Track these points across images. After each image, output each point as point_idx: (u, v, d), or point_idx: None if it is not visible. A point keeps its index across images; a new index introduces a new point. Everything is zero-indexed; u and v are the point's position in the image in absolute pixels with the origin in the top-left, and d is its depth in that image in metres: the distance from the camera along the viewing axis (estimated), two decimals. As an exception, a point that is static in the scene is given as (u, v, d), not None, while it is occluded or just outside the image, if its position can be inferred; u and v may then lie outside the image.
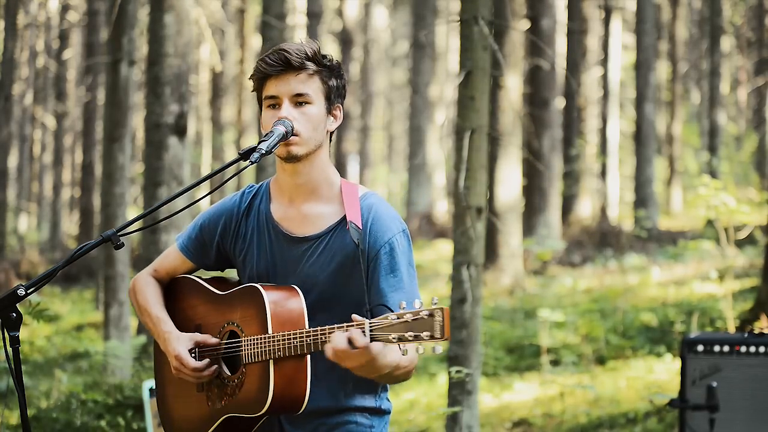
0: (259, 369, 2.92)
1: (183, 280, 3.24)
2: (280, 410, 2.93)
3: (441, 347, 2.65)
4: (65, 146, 30.74)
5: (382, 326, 2.69)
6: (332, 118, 3.07)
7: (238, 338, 3.00)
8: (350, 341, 2.73)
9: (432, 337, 2.62)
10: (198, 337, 3.08)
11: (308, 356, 2.91)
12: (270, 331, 2.90)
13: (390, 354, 2.82)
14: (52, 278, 2.87)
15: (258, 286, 2.96)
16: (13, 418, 7.58)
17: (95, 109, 22.50)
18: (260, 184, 3.19)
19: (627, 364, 9.28)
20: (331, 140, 3.12)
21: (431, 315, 2.63)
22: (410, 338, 2.64)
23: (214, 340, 3.05)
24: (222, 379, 3.04)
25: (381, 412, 3.10)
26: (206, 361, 3.04)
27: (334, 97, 3.05)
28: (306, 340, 2.84)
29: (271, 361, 2.89)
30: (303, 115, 2.98)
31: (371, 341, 2.71)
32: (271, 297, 2.94)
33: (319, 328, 2.83)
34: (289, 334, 2.87)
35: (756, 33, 28.64)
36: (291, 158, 3.00)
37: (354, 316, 2.78)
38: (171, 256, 3.26)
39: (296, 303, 2.95)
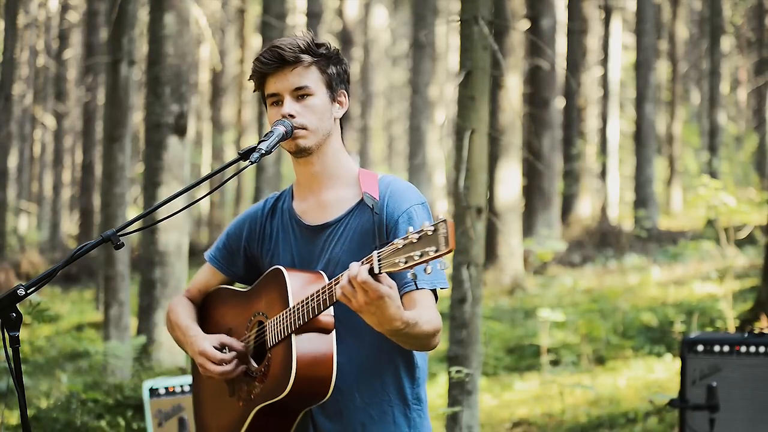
0: (283, 348, 2.87)
1: (214, 292, 3.24)
2: (305, 393, 2.84)
3: (448, 264, 2.56)
4: (65, 146, 30.75)
5: (390, 252, 2.60)
6: (338, 105, 3.05)
7: (263, 325, 2.98)
8: (358, 273, 2.63)
9: (437, 251, 2.51)
10: (225, 338, 3.06)
11: (333, 335, 2.85)
12: (291, 304, 2.86)
13: (410, 311, 2.74)
14: (52, 278, 2.86)
15: (280, 266, 2.95)
16: (13, 418, 7.58)
17: (95, 109, 22.52)
18: (284, 189, 3.20)
19: (627, 364, 9.28)
20: (342, 128, 3.10)
21: (435, 229, 2.53)
22: (417, 258, 2.53)
23: (240, 345, 3.03)
24: (251, 374, 3.00)
25: (418, 402, 3.02)
26: (232, 353, 3.01)
27: (336, 84, 3.03)
28: (323, 296, 2.78)
29: (293, 336, 2.83)
30: (306, 108, 2.97)
31: (380, 272, 2.61)
32: (292, 274, 2.92)
33: (333, 279, 2.77)
34: (306, 298, 2.81)
35: (756, 33, 28.65)
36: (301, 151, 2.99)
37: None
38: (202, 273, 3.27)
39: (319, 280, 2.91)
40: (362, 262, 2.66)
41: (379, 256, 2.63)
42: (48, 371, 10.29)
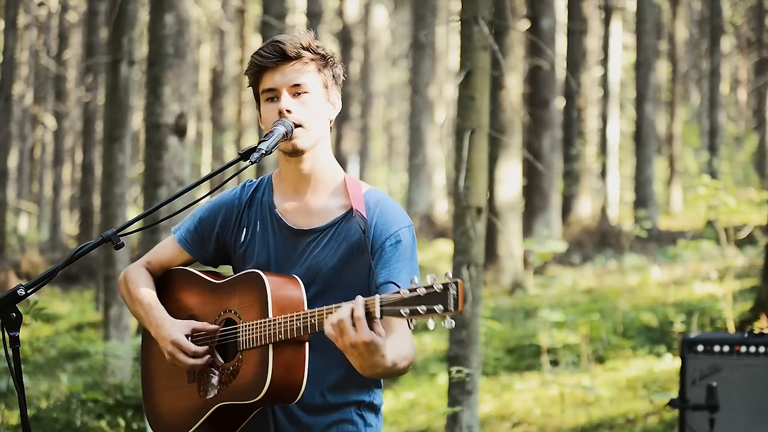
0: (257, 354, 2.88)
1: (176, 272, 3.20)
2: (275, 398, 2.89)
3: (453, 322, 2.56)
4: (65, 146, 30.74)
5: (394, 301, 2.61)
6: (331, 106, 3.06)
7: (235, 325, 2.97)
8: (352, 313, 2.64)
9: (446, 311, 2.52)
10: (195, 323, 3.03)
11: (306, 344, 2.87)
12: (270, 315, 2.86)
13: (389, 351, 2.74)
14: (52, 278, 2.86)
15: (259, 271, 2.94)
16: (13, 418, 7.58)
17: (95, 109, 22.51)
18: (261, 177, 3.17)
19: (627, 364, 9.28)
20: (330, 130, 3.10)
21: (445, 288, 2.54)
22: (422, 312, 2.55)
23: (212, 327, 3.01)
24: (216, 368, 3.00)
25: (374, 408, 3.07)
26: (205, 347, 3.00)
27: (331, 85, 3.04)
28: (310, 320, 2.79)
29: (271, 346, 2.84)
30: (302, 105, 2.98)
31: (381, 317, 2.63)
32: (272, 281, 2.91)
33: (325, 307, 2.77)
34: (291, 316, 2.82)
35: (756, 33, 28.64)
36: (296, 152, 2.99)
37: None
38: (167, 249, 3.21)
39: (296, 290, 2.92)
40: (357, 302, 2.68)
41: (381, 302, 2.64)
42: (48, 371, 10.29)
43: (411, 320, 2.61)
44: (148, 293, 3.14)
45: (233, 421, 2.99)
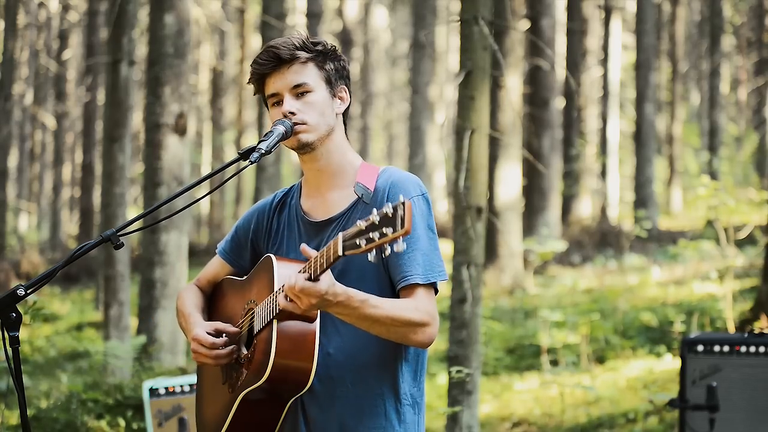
0: (266, 333, 2.87)
1: (220, 283, 3.26)
2: (286, 381, 2.84)
3: (404, 244, 2.53)
4: (65, 146, 30.75)
5: (352, 235, 2.60)
6: (338, 100, 3.05)
7: (253, 312, 2.99)
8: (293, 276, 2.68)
9: (394, 232, 2.51)
10: (219, 324, 3.06)
11: (317, 324, 2.85)
12: (275, 288, 2.86)
13: (386, 301, 2.75)
14: (52, 278, 2.86)
15: (270, 254, 2.96)
16: (13, 418, 7.58)
17: (95, 109, 22.52)
18: (293, 184, 3.20)
19: (627, 364, 9.28)
20: (345, 123, 3.09)
21: (395, 210, 2.53)
22: (376, 238, 2.54)
23: (233, 329, 3.03)
24: (240, 360, 3.01)
25: (410, 401, 3.00)
26: (224, 338, 3.01)
27: (335, 80, 3.03)
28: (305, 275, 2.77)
29: (275, 321, 2.83)
30: (306, 104, 2.98)
31: (344, 254, 2.61)
32: (280, 261, 2.92)
33: (312, 256, 2.73)
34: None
35: (756, 33, 28.65)
36: (303, 146, 2.99)
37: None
38: (212, 264, 3.29)
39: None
40: (328, 247, 2.67)
41: (343, 238, 2.63)
42: (48, 371, 10.30)
43: (370, 252, 2.58)
44: (189, 305, 3.21)
45: (267, 420, 2.96)
